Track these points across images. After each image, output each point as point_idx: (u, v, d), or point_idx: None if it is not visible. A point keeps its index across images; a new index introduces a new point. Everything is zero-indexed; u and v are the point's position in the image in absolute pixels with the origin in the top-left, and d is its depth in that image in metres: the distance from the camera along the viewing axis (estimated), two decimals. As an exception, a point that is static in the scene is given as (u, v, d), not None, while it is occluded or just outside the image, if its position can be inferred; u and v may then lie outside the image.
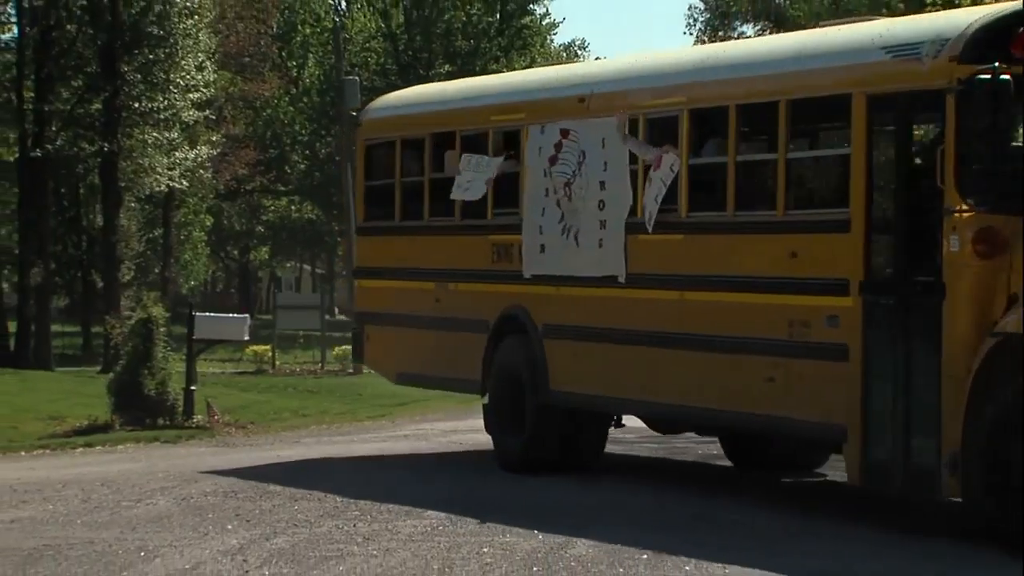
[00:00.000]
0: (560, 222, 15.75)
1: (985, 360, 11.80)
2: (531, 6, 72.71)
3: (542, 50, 75.97)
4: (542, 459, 16.18)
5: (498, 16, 71.01)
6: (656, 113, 15.09)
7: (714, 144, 14.71)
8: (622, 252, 15.03)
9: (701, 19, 76.48)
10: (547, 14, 75.43)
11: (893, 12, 38.32)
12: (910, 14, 29.15)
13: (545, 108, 16.40)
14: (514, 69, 69.88)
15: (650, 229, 14.74)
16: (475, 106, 17.75)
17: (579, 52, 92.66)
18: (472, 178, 16.78)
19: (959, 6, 29.65)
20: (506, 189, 16.67)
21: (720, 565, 11.47)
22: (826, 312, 13.08)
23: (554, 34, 78.09)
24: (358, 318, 19.51)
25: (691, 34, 69.84)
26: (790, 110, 13.70)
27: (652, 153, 14.76)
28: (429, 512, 13.98)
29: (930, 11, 29.76)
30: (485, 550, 12.10)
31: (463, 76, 68.17)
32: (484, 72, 68.74)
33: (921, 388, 12.32)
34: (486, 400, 16.84)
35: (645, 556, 11.79)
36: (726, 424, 15.12)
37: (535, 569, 11.37)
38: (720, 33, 63.72)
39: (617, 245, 15.09)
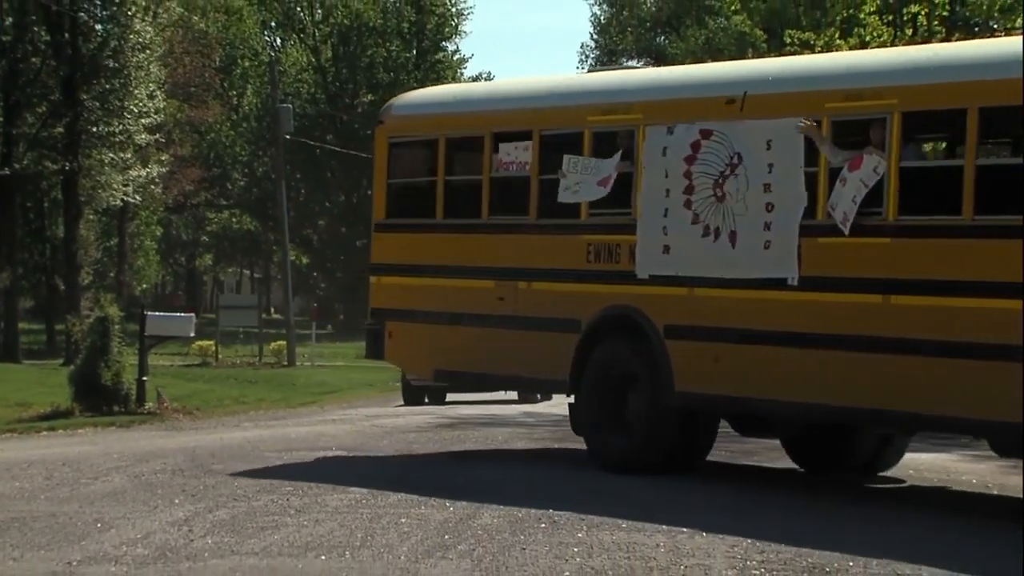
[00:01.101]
0: (697, 223, 13.77)
1: None
2: (443, 43, 72.77)
3: (454, 82, 76.02)
4: (653, 459, 14.31)
5: (415, 52, 71.02)
6: (851, 116, 13.08)
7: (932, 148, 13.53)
8: (795, 254, 13.11)
9: (592, 56, 76.96)
10: (457, 50, 75.70)
11: (759, 52, 38.58)
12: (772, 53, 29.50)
13: (672, 108, 14.28)
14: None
15: (846, 231, 12.77)
16: (564, 105, 15.36)
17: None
18: (581, 179, 14.62)
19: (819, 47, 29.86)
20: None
21: (609, 531, 11.48)
22: None
23: (464, 68, 78.13)
24: (376, 314, 16.85)
25: (583, 69, 70.10)
26: None
27: (844, 155, 12.91)
28: (353, 488, 13.91)
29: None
30: (403, 520, 12.06)
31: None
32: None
33: None
34: (571, 400, 15.11)
35: (543, 525, 11.78)
36: (923, 426, 13.49)
37: (446, 537, 11.34)
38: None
39: (788, 247, 13.16)
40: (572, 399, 15.09)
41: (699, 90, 14.33)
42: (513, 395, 27.69)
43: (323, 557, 10.61)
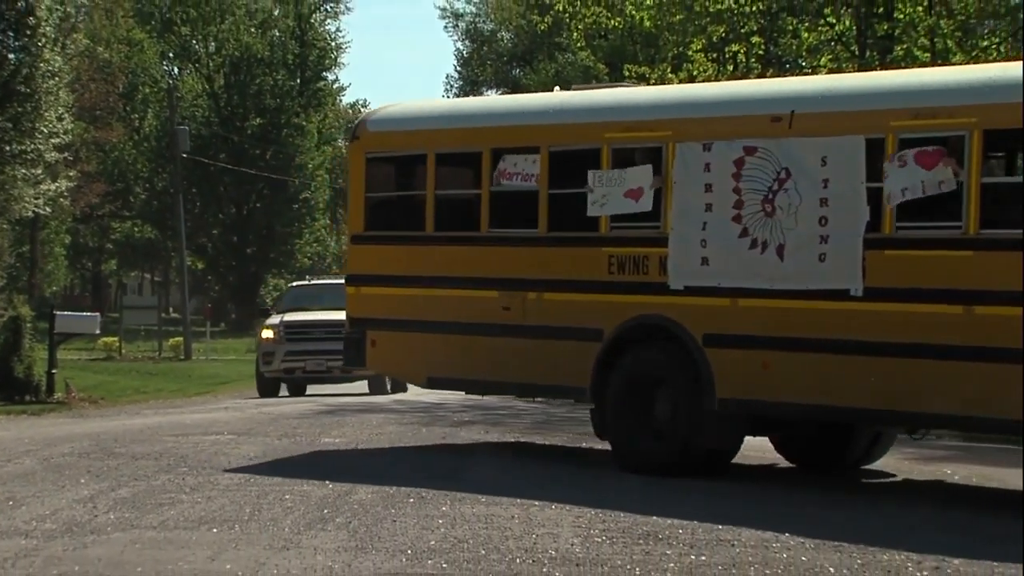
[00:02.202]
0: (744, 236, 12.67)
1: None
2: (324, 73, 72.40)
3: (333, 108, 75.74)
4: (687, 462, 13.14)
5: (299, 80, 70.55)
6: (927, 132, 11.89)
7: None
8: (859, 266, 12.05)
9: (456, 86, 76.99)
10: (336, 79, 75.45)
11: (609, 77, 38.72)
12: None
13: (706, 126, 13.14)
14: (312, 124, 69.76)
15: (888, 204, 11.89)
16: (577, 122, 14.16)
17: (362, 110, 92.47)
18: (607, 192, 13.53)
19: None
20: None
21: (470, 505, 11.47)
22: None
23: (343, 96, 77.84)
24: (356, 323, 15.56)
25: (448, 95, 70.12)
26: None
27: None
28: (243, 467, 13.78)
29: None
30: (287, 496, 11.96)
31: (273, 128, 68.10)
32: (289, 125, 68.53)
33: None
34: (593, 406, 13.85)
35: (412, 500, 11.75)
36: (979, 428, 12.90)
37: (325, 511, 11.26)
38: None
39: (851, 259, 12.08)
40: (593, 405, 13.82)
41: (740, 107, 13.22)
42: (364, 387, 27.43)
43: (215, 530, 10.48)
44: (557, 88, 17.48)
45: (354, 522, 10.77)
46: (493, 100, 17.45)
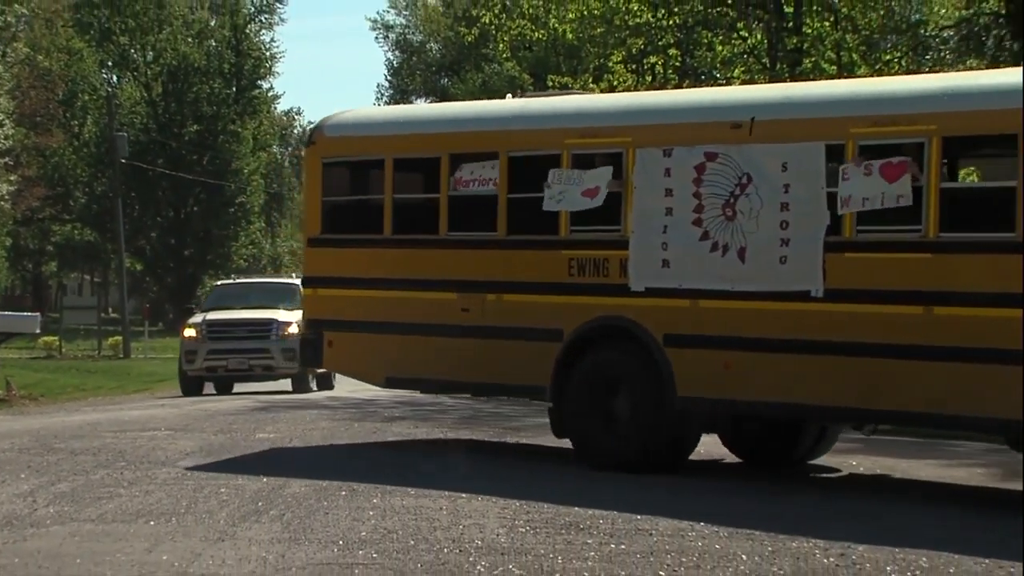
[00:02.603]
0: (705, 239, 12.54)
1: None
2: (259, 82, 71.99)
3: (268, 115, 75.29)
4: (646, 459, 12.92)
5: (234, 88, 70.09)
6: (887, 140, 11.83)
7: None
8: (819, 268, 11.93)
9: (386, 95, 76.76)
10: (271, 88, 74.95)
11: (527, 93, 38.76)
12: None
13: (667, 132, 12.97)
14: (247, 130, 69.37)
15: (841, 211, 11.83)
16: (537, 128, 13.88)
17: (296, 117, 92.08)
18: (564, 189, 13.30)
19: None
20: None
21: (400, 497, 11.43)
22: None
23: (277, 103, 77.39)
24: (312, 325, 15.20)
25: (380, 104, 69.90)
26: None
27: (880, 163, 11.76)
28: (180, 462, 13.66)
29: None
30: (223, 490, 11.86)
31: (210, 135, 67.68)
32: (225, 131, 68.14)
33: None
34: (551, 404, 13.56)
35: (344, 493, 11.69)
36: (936, 424, 12.84)
37: (260, 504, 11.18)
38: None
39: (812, 262, 11.98)
40: (551, 405, 13.54)
41: (700, 114, 13.06)
42: (287, 385, 27.02)
43: (152, 522, 10.38)
44: (509, 96, 17.37)
45: (287, 514, 10.70)
46: (451, 106, 16.96)
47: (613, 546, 9.55)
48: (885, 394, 11.71)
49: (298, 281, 28.40)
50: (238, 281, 31.36)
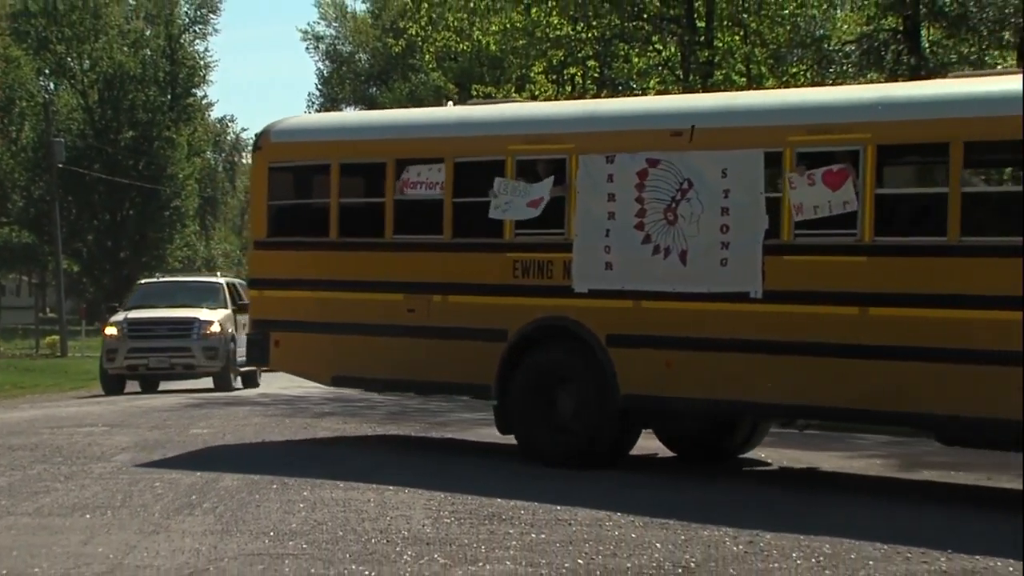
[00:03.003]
0: (647, 243, 12.49)
1: None
2: (193, 90, 71.41)
3: (202, 122, 74.71)
4: (588, 453, 12.84)
5: (169, 96, 69.48)
6: (823, 147, 11.81)
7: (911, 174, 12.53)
8: (758, 270, 11.95)
9: (317, 103, 76.40)
10: (205, 96, 74.35)
11: (455, 101, 38.81)
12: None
13: (609, 139, 12.87)
14: (182, 136, 68.78)
15: (796, 217, 11.73)
16: (481, 135, 13.79)
17: (229, 124, 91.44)
18: (510, 200, 13.22)
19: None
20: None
21: (329, 490, 11.38)
22: None
23: (211, 111, 76.78)
24: (259, 325, 14.97)
25: (311, 111, 69.57)
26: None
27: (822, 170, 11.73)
28: (116, 457, 13.52)
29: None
30: (157, 484, 11.75)
31: (145, 141, 67.02)
32: (160, 137, 67.52)
33: None
34: (495, 403, 13.42)
35: (275, 486, 11.62)
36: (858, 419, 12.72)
37: (193, 497, 11.08)
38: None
39: (750, 264, 11.99)
40: (496, 402, 13.39)
41: (642, 122, 12.96)
42: (210, 383, 26.34)
43: (88, 516, 10.26)
44: (450, 103, 17.22)
45: (220, 507, 10.62)
46: (397, 113, 17.32)
47: (534, 536, 9.57)
48: (820, 391, 11.69)
49: (223, 280, 28.19)
50: (162, 280, 29.90)
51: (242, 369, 26.41)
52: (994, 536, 9.77)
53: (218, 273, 32.34)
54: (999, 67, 22.39)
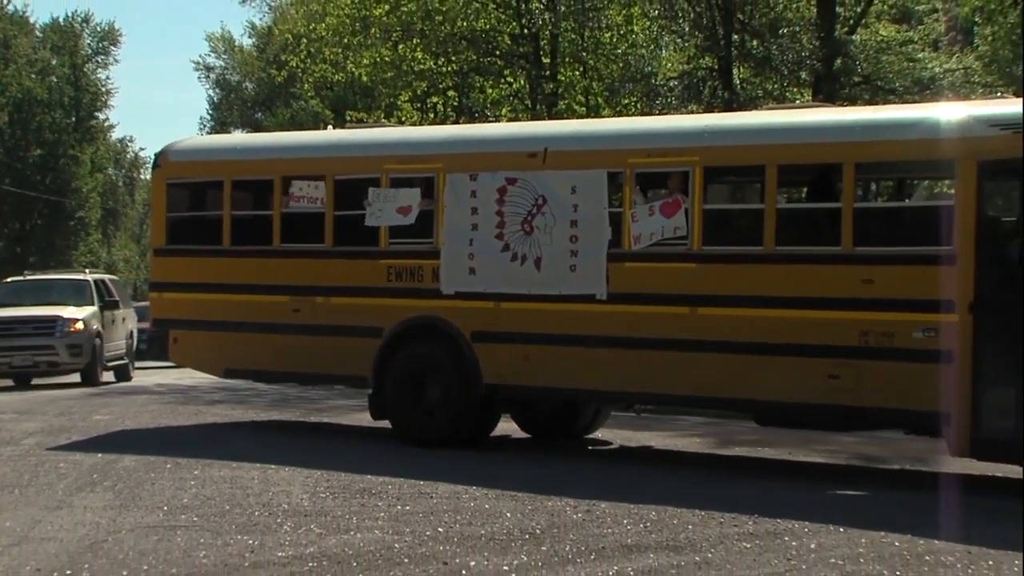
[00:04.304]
0: (506, 251, 12.63)
1: None
2: (96, 113, 69.81)
3: (104, 142, 73.05)
4: (454, 436, 12.92)
5: (74, 119, 67.80)
6: (659, 168, 12.10)
7: (729, 191, 12.83)
8: (603, 275, 12.12)
9: (208, 126, 75.16)
10: (107, 119, 72.79)
11: (335, 126, 38.41)
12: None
13: (473, 160, 12.99)
14: (85, 155, 67.10)
15: (637, 247, 11.96)
16: (359, 155, 13.78)
17: (128, 144, 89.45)
18: (383, 207, 13.31)
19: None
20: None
21: (218, 469, 11.19)
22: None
23: (112, 132, 75.09)
24: (159, 324, 14.91)
25: (203, 132, 68.36)
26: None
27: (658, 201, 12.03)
28: (24, 441, 13.12)
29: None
30: (62, 465, 11.43)
31: (52, 158, 65.27)
32: (66, 156, 65.82)
33: None
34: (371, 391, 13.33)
35: (169, 466, 11.39)
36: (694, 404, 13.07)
37: (95, 476, 10.81)
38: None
39: (596, 270, 12.16)
40: (371, 391, 13.33)
41: (501, 145, 13.16)
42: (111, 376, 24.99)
43: (-3, 495, 9.93)
44: (330, 127, 17.09)
45: (119, 485, 10.37)
46: (283, 136, 17.18)
47: (399, 507, 9.52)
48: (656, 380, 11.91)
49: (90, 277, 25.61)
50: (29, 278, 26.87)
51: (110, 364, 24.98)
52: (791, 501, 9.99)
53: (86, 270, 29.80)
54: (797, 101, 23.05)
